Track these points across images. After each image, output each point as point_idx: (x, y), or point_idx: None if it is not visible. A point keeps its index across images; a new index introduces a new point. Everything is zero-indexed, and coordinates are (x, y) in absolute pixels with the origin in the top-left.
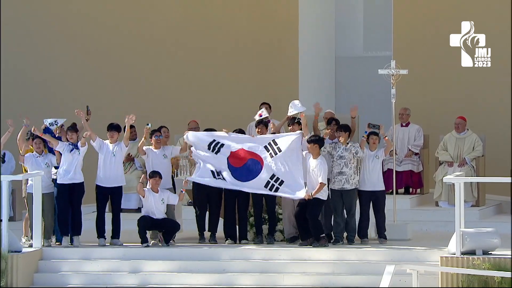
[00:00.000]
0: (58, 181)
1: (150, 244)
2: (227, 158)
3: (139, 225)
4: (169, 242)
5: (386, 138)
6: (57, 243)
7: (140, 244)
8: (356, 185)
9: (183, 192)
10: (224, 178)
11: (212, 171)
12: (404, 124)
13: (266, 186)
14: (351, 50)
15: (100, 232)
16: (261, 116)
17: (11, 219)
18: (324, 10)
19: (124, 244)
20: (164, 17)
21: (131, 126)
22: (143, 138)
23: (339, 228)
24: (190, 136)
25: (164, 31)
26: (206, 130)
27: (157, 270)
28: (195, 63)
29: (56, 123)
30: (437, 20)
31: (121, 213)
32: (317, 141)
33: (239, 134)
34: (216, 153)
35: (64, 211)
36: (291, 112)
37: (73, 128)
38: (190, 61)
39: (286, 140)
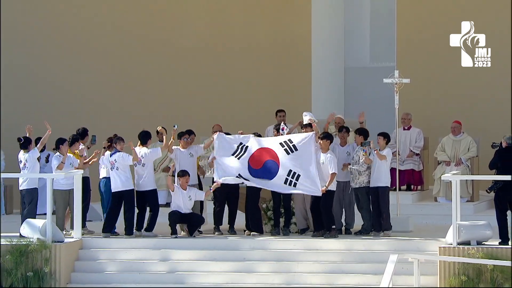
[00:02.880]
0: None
1: (179, 235)
2: (248, 161)
3: (170, 219)
4: (193, 233)
5: (377, 151)
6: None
7: (170, 235)
8: (361, 184)
9: (211, 190)
10: (247, 179)
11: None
12: (406, 128)
13: (285, 182)
14: (358, 61)
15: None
16: (283, 130)
17: (54, 212)
18: (334, 25)
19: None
20: (190, 31)
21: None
22: (171, 139)
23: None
24: (219, 137)
25: (189, 45)
26: (226, 134)
27: (184, 259)
28: (218, 72)
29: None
30: (438, 32)
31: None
32: (328, 137)
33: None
34: (239, 158)
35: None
36: (305, 120)
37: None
38: (214, 71)
39: (301, 138)
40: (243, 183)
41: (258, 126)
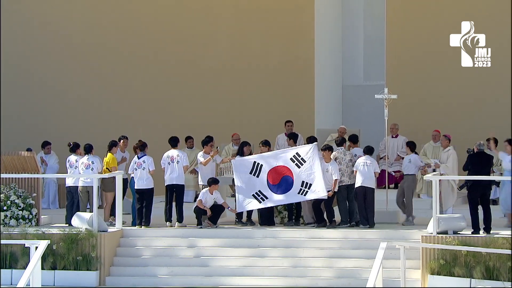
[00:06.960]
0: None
1: (203, 226)
2: (267, 178)
3: (196, 212)
4: (216, 223)
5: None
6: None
7: (196, 225)
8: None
9: (229, 208)
10: (266, 197)
11: (254, 196)
12: (394, 136)
13: (299, 192)
14: (354, 79)
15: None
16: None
17: (99, 207)
18: (334, 49)
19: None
20: (213, 53)
21: (190, 137)
22: (211, 157)
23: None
24: (235, 162)
25: (212, 64)
26: (242, 142)
27: (208, 245)
28: (236, 88)
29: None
30: (425, 50)
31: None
32: (329, 148)
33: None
34: (257, 176)
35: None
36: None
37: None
38: (232, 87)
39: (305, 151)
40: (260, 204)
41: (270, 134)
